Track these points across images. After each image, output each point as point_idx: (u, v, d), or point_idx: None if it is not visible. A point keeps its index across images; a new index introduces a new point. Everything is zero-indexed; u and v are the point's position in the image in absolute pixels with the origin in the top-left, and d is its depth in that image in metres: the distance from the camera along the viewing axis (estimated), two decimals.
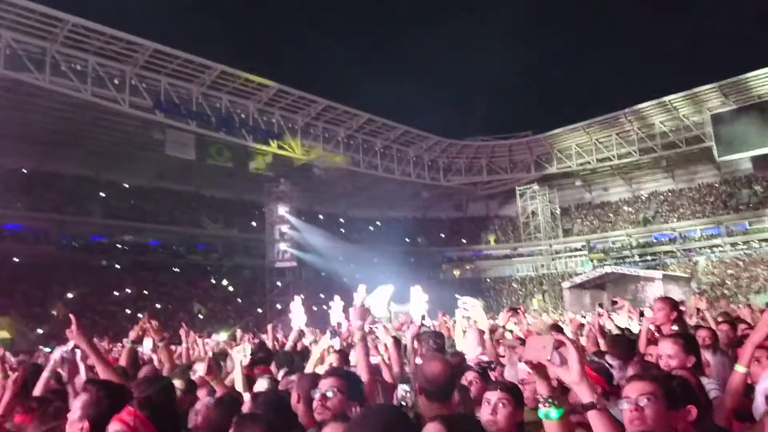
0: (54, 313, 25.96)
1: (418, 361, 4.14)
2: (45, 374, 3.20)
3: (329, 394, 2.57)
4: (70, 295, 27.14)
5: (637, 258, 37.62)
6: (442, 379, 2.46)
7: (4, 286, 26.19)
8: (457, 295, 6.02)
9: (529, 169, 41.24)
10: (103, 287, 29.07)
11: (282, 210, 34.82)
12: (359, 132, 35.55)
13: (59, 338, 15.78)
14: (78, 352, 3.30)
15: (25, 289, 26.71)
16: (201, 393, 3.47)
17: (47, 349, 13.99)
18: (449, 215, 46.29)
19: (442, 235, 44.38)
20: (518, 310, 8.21)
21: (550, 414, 1.66)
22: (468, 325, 5.39)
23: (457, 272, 42.96)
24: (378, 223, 42.74)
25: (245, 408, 2.82)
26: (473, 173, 42.01)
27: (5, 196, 26.85)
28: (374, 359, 4.00)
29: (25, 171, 29.25)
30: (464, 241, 43.80)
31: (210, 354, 6.60)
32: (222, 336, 12.66)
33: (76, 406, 2.25)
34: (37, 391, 3.11)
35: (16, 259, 27.94)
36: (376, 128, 35.94)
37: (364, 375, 3.04)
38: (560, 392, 1.70)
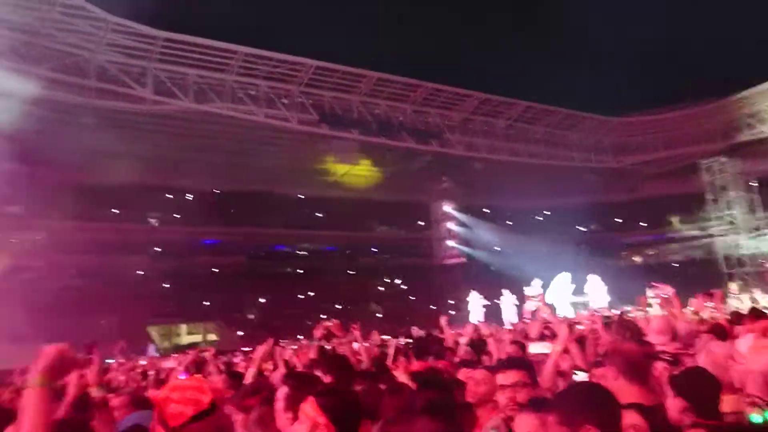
0: (251, 317, 28.65)
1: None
2: (252, 369, 3.54)
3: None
4: (262, 300, 29.80)
5: None
6: (642, 360, 2.37)
7: (207, 295, 29.77)
8: (653, 283, 5.60)
9: (714, 139, 37.03)
10: (287, 292, 31.63)
11: (447, 207, 35.06)
12: (519, 121, 34.60)
13: (257, 339, 17.36)
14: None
15: (223, 296, 29.91)
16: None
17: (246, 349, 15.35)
18: (623, 198, 43.19)
19: (618, 220, 41.59)
20: (713, 295, 7.43)
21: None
22: (660, 312, 5.00)
23: (638, 258, 39.96)
24: (546, 212, 41.24)
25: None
26: (646, 150, 38.78)
27: (203, 215, 30.37)
28: (550, 348, 3.88)
29: (217, 191, 32.72)
30: (643, 224, 40.62)
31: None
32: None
33: (280, 396, 2.42)
34: (247, 381, 3.46)
35: (215, 270, 31.44)
36: (535, 115, 34.73)
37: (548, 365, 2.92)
38: None
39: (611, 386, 2.36)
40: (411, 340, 10.72)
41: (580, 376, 3.53)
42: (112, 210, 27.39)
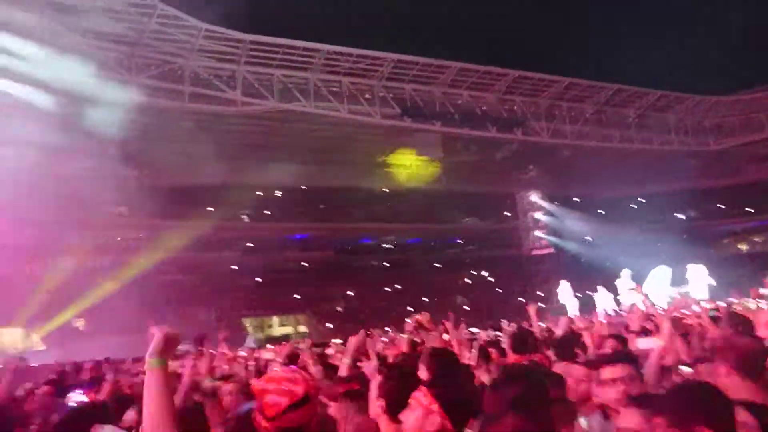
0: (339, 309, 29.31)
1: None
2: (346, 360, 3.65)
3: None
4: (349, 293, 30.42)
5: None
6: (758, 355, 2.36)
7: (297, 288, 30.77)
8: None
9: None
10: (373, 285, 32.09)
11: (534, 197, 34.25)
12: (608, 105, 33.18)
13: (345, 331, 17.73)
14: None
15: (312, 289, 30.79)
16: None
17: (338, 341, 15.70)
18: (724, 182, 40.45)
19: (720, 206, 39.03)
20: None
21: None
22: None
23: (743, 246, 37.34)
24: (640, 199, 39.35)
25: None
26: (750, 131, 36.05)
27: (291, 211, 31.35)
28: (651, 342, 3.71)
29: (303, 188, 33.62)
30: (749, 209, 37.88)
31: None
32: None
33: (373, 386, 2.48)
34: (342, 372, 3.57)
35: (304, 264, 32.42)
36: (626, 98, 33.16)
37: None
38: None
39: (722, 383, 2.25)
40: (500, 333, 10.57)
41: (685, 372, 3.36)
42: (207, 208, 28.76)
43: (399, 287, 32.43)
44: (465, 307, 30.72)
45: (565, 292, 20.80)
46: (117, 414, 3.44)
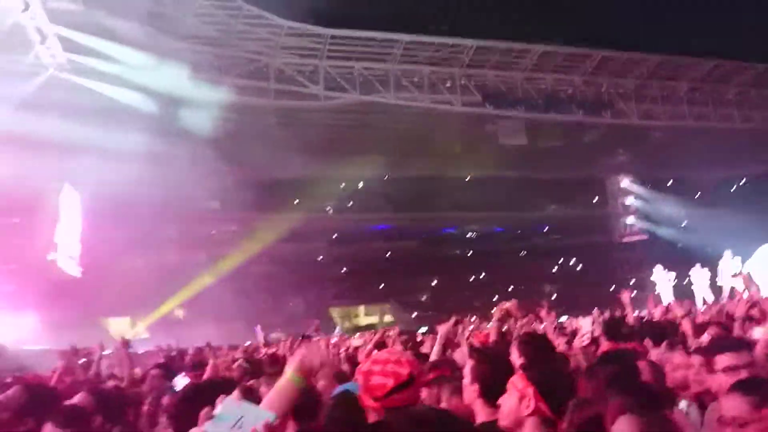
0: (423, 299, 29.50)
1: None
2: (436, 348, 3.73)
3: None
4: (433, 283, 30.50)
5: None
6: None
7: (382, 278, 31.21)
8: None
9: None
10: (458, 275, 31.99)
11: (624, 181, 32.85)
12: (704, 82, 31.16)
13: (430, 321, 17.86)
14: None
15: (397, 279, 31.12)
16: None
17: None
18: None
19: None
20: None
21: None
22: None
23: None
24: (741, 182, 36.81)
25: None
26: None
27: (375, 202, 31.78)
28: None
29: (386, 179, 33.95)
30: None
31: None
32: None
33: (466, 371, 2.52)
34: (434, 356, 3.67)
35: (388, 254, 32.79)
36: (725, 73, 30.99)
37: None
38: None
39: None
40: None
41: None
42: (294, 201, 29.69)
43: (484, 276, 32.14)
44: (552, 296, 30.01)
45: (659, 279, 19.92)
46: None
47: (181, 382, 5.40)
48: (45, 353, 13.74)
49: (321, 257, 32.53)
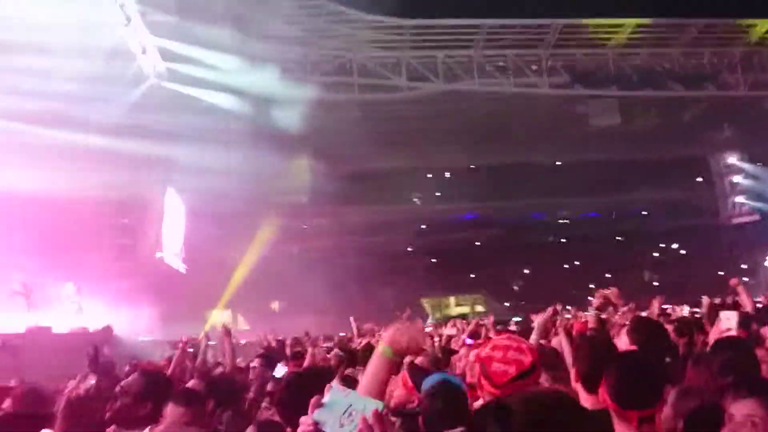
0: (515, 288, 29.01)
1: None
2: (534, 336, 3.68)
3: None
4: (525, 271, 29.89)
5: None
6: None
7: (472, 268, 30.97)
8: None
9: None
10: (550, 262, 31.13)
11: (730, 158, 30.61)
12: None
13: (523, 310, 17.55)
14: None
15: (487, 268, 30.77)
16: None
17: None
18: None
19: None
20: None
21: None
22: None
23: None
24: None
25: None
26: None
27: (461, 191, 31.50)
28: None
29: (472, 167, 33.57)
30: None
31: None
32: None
33: (567, 356, 2.47)
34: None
35: (477, 243, 32.47)
36: None
37: None
38: None
39: None
40: (697, 310, 9.74)
41: None
42: (381, 193, 30.00)
43: (578, 264, 31.09)
44: (653, 283, 28.57)
45: None
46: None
47: (281, 370, 5.64)
48: (155, 343, 14.78)
49: (410, 248, 32.68)
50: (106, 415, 3.11)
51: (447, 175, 33.62)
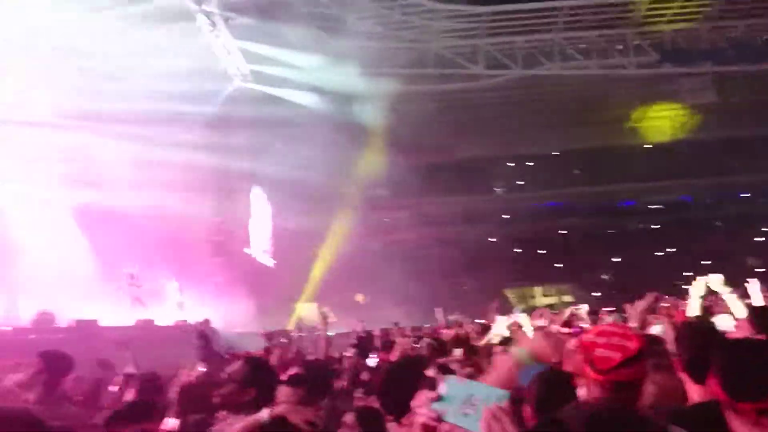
0: (604, 277, 28.02)
1: None
2: (633, 325, 3.59)
3: None
4: (615, 260, 28.81)
5: None
6: None
7: (558, 257, 30.16)
8: None
9: None
10: (642, 250, 29.77)
11: None
12: None
13: (614, 300, 16.92)
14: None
15: (574, 258, 29.85)
16: None
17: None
18: None
19: None
20: None
21: None
22: None
23: None
24: None
25: None
26: None
27: (544, 179, 30.73)
28: None
29: (556, 154, 32.61)
30: None
31: None
32: None
33: (669, 344, 2.42)
34: None
35: (561, 232, 31.57)
36: None
37: None
38: None
39: None
40: None
41: None
42: (462, 184, 29.74)
43: (672, 251, 29.55)
44: (757, 269, 26.70)
45: None
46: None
47: (372, 360, 5.80)
48: (248, 335, 15.44)
49: (493, 238, 32.23)
50: (213, 401, 3.32)
51: (529, 162, 32.85)
